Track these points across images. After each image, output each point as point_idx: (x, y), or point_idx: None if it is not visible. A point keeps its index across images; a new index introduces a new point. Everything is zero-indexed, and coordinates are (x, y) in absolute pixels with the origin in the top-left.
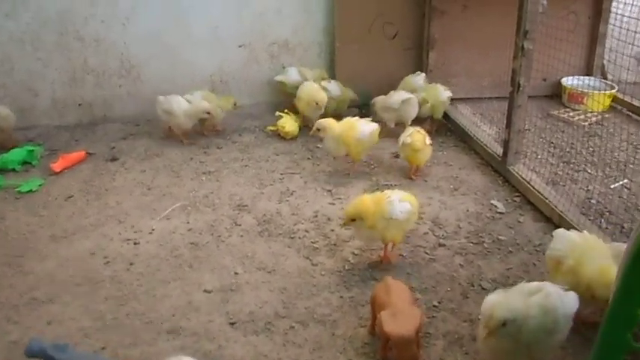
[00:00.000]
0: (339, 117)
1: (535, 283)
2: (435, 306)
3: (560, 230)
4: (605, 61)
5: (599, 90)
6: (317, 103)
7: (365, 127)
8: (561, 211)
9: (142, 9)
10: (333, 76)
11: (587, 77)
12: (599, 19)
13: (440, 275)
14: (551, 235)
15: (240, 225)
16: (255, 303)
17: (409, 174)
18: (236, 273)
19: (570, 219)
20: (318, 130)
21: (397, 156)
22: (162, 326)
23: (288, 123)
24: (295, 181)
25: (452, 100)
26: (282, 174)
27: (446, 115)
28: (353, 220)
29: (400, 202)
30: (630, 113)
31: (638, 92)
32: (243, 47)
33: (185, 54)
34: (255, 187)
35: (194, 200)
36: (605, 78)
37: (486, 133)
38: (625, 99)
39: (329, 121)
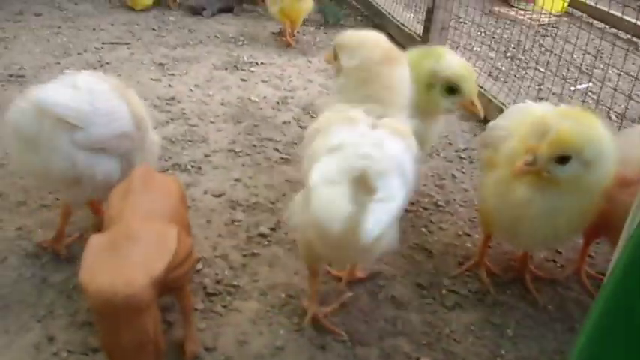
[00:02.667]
0: None
1: None
2: (262, 235)
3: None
4: None
5: None
6: None
7: None
8: (503, 104)
9: None
10: None
11: None
12: None
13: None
14: None
15: None
16: None
17: (286, 39)
18: None
19: None
20: None
21: (279, 33)
22: None
23: None
24: (118, 52)
25: None
26: (103, 44)
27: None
28: None
29: None
30: (591, 20)
31: None
32: None
33: None
34: (54, 56)
35: None
36: None
37: (408, 15)
38: (584, 0)
39: None
